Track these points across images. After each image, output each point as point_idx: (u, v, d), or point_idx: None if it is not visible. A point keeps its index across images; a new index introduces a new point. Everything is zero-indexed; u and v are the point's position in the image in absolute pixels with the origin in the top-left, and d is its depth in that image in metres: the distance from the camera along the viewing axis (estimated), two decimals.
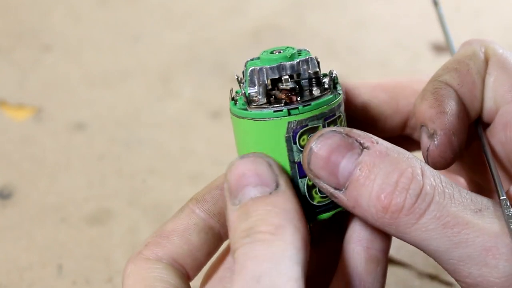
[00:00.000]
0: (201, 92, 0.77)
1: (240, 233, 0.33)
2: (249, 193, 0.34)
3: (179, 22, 0.93)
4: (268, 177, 0.35)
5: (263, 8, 0.95)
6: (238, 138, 0.37)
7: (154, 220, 0.58)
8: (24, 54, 0.86)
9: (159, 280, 0.36)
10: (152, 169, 0.65)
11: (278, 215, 0.33)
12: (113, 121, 0.73)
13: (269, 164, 0.35)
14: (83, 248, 0.56)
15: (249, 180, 0.35)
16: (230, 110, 0.37)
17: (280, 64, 0.36)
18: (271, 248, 0.32)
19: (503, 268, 0.32)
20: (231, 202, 0.35)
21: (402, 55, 0.82)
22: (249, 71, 0.36)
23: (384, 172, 0.33)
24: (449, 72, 0.39)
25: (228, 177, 0.35)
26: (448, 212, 0.33)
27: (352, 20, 0.92)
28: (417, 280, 0.52)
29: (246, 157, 0.36)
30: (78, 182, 0.64)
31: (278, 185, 0.35)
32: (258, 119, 0.36)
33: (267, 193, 0.34)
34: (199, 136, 0.70)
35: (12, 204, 0.61)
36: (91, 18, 0.95)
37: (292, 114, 0.35)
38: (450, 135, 0.36)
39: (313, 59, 0.36)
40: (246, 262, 0.32)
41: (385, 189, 0.33)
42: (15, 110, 0.75)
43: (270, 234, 0.32)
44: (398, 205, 0.33)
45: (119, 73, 0.81)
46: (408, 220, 0.33)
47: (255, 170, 0.35)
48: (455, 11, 0.88)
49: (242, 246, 0.33)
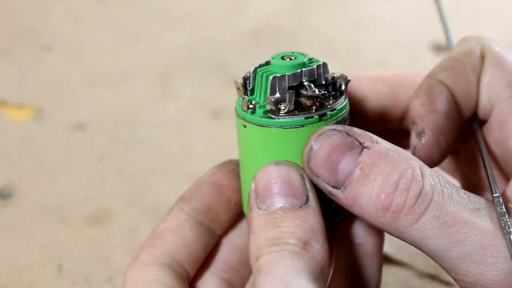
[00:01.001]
0: (201, 92, 0.77)
1: (267, 240, 0.33)
2: (278, 202, 0.34)
3: (179, 22, 0.93)
4: (300, 190, 0.35)
5: (263, 8, 0.95)
6: (255, 147, 0.36)
7: (154, 220, 0.58)
8: (24, 54, 0.86)
9: (156, 282, 0.36)
10: (152, 169, 0.65)
11: (307, 232, 0.33)
12: (113, 121, 0.72)
13: (302, 176, 0.35)
14: (83, 248, 0.56)
15: (281, 189, 0.35)
16: (246, 119, 0.36)
17: (301, 70, 0.36)
18: (301, 261, 0.32)
19: (502, 266, 0.33)
20: (257, 206, 0.35)
21: (402, 55, 0.82)
22: (270, 79, 0.35)
23: (384, 172, 0.33)
24: (444, 70, 0.39)
25: (258, 181, 0.35)
26: (446, 212, 0.33)
27: (352, 20, 0.92)
28: (417, 280, 0.52)
29: (280, 164, 0.35)
30: (78, 182, 0.64)
31: (308, 199, 0.35)
32: (287, 127, 0.35)
33: (297, 206, 0.34)
34: (199, 136, 0.70)
35: (12, 204, 0.61)
36: (91, 18, 0.95)
37: (322, 120, 0.35)
38: (438, 135, 0.37)
39: (326, 64, 0.37)
40: (275, 269, 0.32)
41: (386, 189, 0.33)
42: (15, 110, 0.75)
43: (299, 248, 0.33)
44: (398, 205, 0.33)
45: (119, 73, 0.81)
46: (408, 220, 0.33)
47: (288, 180, 0.35)
48: (455, 11, 0.88)
49: (269, 253, 0.33)
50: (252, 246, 0.34)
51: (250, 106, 0.36)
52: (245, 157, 0.37)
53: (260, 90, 0.36)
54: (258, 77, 0.37)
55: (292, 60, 0.36)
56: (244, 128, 0.36)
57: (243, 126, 0.36)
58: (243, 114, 0.36)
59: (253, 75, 0.37)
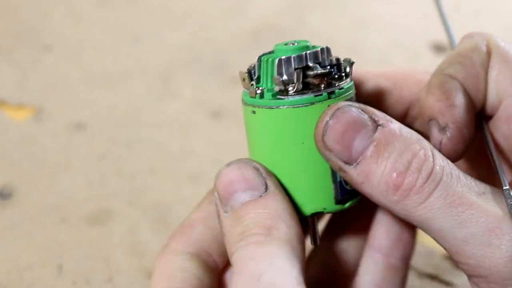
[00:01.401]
0: (201, 92, 0.77)
1: (235, 238, 0.33)
2: (239, 199, 0.35)
3: (179, 22, 0.93)
4: (256, 180, 0.35)
5: (263, 8, 0.95)
6: (265, 132, 0.37)
7: (154, 220, 0.58)
8: (24, 54, 0.86)
9: (180, 270, 0.36)
10: (152, 169, 0.65)
11: (269, 216, 0.34)
12: (113, 121, 0.72)
13: (255, 168, 0.35)
14: (83, 248, 0.56)
15: (238, 186, 0.35)
16: (255, 104, 0.36)
17: (306, 53, 0.36)
18: (267, 248, 0.32)
19: (506, 248, 0.33)
20: (223, 210, 0.35)
21: (402, 55, 0.82)
22: (276, 61, 0.36)
23: (398, 151, 0.33)
24: (453, 65, 0.39)
25: (217, 186, 0.36)
26: (454, 192, 0.33)
27: (352, 20, 0.92)
28: (417, 280, 0.52)
29: (232, 164, 0.36)
30: (78, 182, 0.64)
31: (267, 187, 0.35)
32: (298, 106, 0.35)
33: (257, 196, 0.34)
34: (199, 136, 0.70)
35: (12, 204, 0.61)
36: (91, 18, 0.95)
37: (331, 98, 0.36)
38: (462, 128, 0.37)
39: (329, 49, 0.37)
40: (244, 264, 0.32)
41: (398, 167, 0.33)
42: (15, 110, 0.75)
43: (264, 236, 0.33)
44: (410, 184, 0.33)
45: (119, 73, 0.81)
46: (417, 199, 0.33)
47: (242, 175, 0.35)
48: (455, 11, 0.88)
49: (237, 249, 0.33)
50: (227, 248, 0.34)
51: (258, 92, 0.36)
52: (255, 144, 0.37)
53: (267, 75, 0.37)
54: (264, 64, 0.37)
55: (296, 45, 0.37)
56: (254, 114, 0.36)
57: (252, 112, 0.36)
58: (251, 100, 0.37)
59: (257, 63, 0.37)
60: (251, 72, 0.37)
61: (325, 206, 0.37)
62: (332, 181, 0.36)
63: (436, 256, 0.53)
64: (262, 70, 0.37)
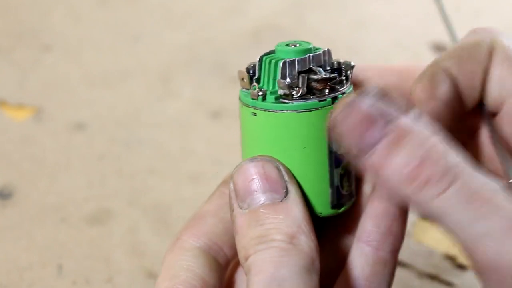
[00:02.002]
0: (201, 92, 0.77)
1: (252, 240, 0.33)
2: (258, 199, 0.34)
3: (179, 22, 0.93)
4: (279, 183, 0.35)
5: (263, 8, 0.95)
6: (266, 135, 0.36)
7: (154, 220, 0.58)
8: (24, 54, 0.86)
9: (184, 270, 0.36)
10: (152, 169, 0.65)
11: (291, 225, 0.33)
12: (113, 121, 0.72)
13: (278, 169, 0.35)
14: (83, 248, 0.56)
15: (259, 185, 0.34)
16: (256, 106, 0.36)
17: (309, 56, 0.36)
18: (289, 257, 0.32)
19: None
20: (238, 205, 0.35)
21: (402, 55, 0.82)
22: (281, 64, 0.35)
23: (414, 143, 0.33)
24: (450, 58, 0.39)
25: (236, 180, 0.35)
26: (470, 187, 0.33)
27: (352, 20, 0.92)
28: (417, 280, 0.52)
29: (255, 160, 0.35)
30: (78, 182, 0.64)
31: (288, 192, 0.35)
32: (302, 111, 0.35)
33: (278, 201, 0.34)
34: (199, 136, 0.70)
35: (12, 204, 0.61)
36: (91, 18, 0.95)
37: (335, 103, 0.36)
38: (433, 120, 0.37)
39: (330, 51, 0.37)
40: (265, 266, 0.32)
41: (414, 160, 0.33)
42: (15, 110, 0.75)
43: (286, 243, 0.33)
44: (425, 177, 0.33)
45: (119, 73, 0.81)
46: (433, 192, 0.33)
47: (265, 175, 0.35)
48: (455, 11, 0.88)
49: (257, 252, 0.33)
50: (239, 247, 0.34)
51: (260, 94, 0.36)
52: (253, 146, 0.37)
53: (269, 77, 0.36)
54: (265, 65, 0.36)
55: (298, 46, 0.37)
56: (254, 116, 0.36)
57: (253, 114, 0.36)
58: (252, 102, 0.36)
59: (259, 64, 0.37)
60: (250, 72, 0.37)
61: (321, 211, 0.37)
62: (330, 186, 0.36)
63: (436, 256, 0.53)
64: (264, 71, 0.36)
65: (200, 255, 0.37)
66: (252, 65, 0.37)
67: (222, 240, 0.38)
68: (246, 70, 0.37)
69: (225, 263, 0.38)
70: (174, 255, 0.37)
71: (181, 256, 0.37)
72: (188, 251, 0.37)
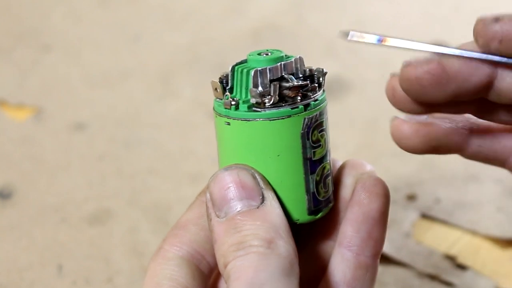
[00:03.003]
0: (201, 92, 0.77)
1: (231, 246, 0.33)
2: (235, 207, 0.34)
3: (179, 22, 0.93)
4: (254, 190, 0.35)
5: (263, 8, 0.95)
6: (239, 144, 0.36)
7: (154, 220, 0.58)
8: (24, 54, 0.86)
9: (168, 278, 0.36)
10: (152, 169, 0.65)
11: (268, 230, 0.33)
12: (113, 121, 0.73)
13: (254, 176, 0.35)
14: (83, 248, 0.56)
15: (235, 193, 0.35)
16: (230, 116, 0.36)
17: (281, 64, 0.36)
18: (268, 261, 0.32)
19: None
20: (216, 214, 0.35)
21: (402, 55, 0.82)
22: (252, 73, 0.36)
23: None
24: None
25: (212, 189, 0.35)
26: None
27: (352, 20, 0.92)
28: (417, 280, 0.52)
29: (229, 169, 0.35)
30: (78, 182, 0.64)
31: (264, 198, 0.35)
32: (274, 119, 0.35)
33: (254, 207, 0.34)
34: (199, 136, 0.70)
35: (12, 204, 0.61)
36: (91, 18, 0.95)
37: (307, 110, 0.36)
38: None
39: (302, 59, 0.37)
40: (244, 272, 0.32)
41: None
42: (15, 110, 0.75)
43: (264, 248, 0.33)
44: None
45: (119, 73, 0.81)
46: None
47: (240, 183, 0.35)
48: (455, 11, 0.88)
49: (235, 258, 0.33)
50: (218, 255, 0.34)
51: (232, 103, 0.36)
52: (228, 155, 0.37)
53: (241, 86, 0.37)
54: (238, 74, 0.37)
55: (269, 55, 0.37)
56: (228, 125, 0.36)
57: (226, 123, 0.36)
58: (225, 111, 0.36)
59: (231, 73, 0.37)
60: (223, 81, 0.37)
61: (298, 218, 0.37)
62: (306, 192, 0.36)
63: (436, 256, 0.53)
64: (236, 81, 0.37)
65: (183, 264, 0.37)
66: (225, 74, 0.38)
67: (204, 248, 0.38)
68: (219, 80, 0.37)
69: (208, 272, 0.38)
70: (157, 264, 0.37)
71: (164, 265, 0.37)
72: (171, 260, 0.37)
